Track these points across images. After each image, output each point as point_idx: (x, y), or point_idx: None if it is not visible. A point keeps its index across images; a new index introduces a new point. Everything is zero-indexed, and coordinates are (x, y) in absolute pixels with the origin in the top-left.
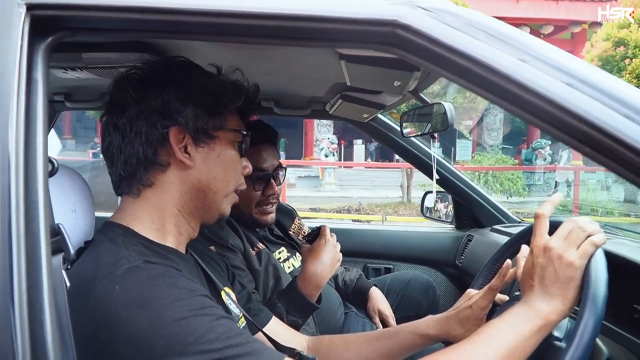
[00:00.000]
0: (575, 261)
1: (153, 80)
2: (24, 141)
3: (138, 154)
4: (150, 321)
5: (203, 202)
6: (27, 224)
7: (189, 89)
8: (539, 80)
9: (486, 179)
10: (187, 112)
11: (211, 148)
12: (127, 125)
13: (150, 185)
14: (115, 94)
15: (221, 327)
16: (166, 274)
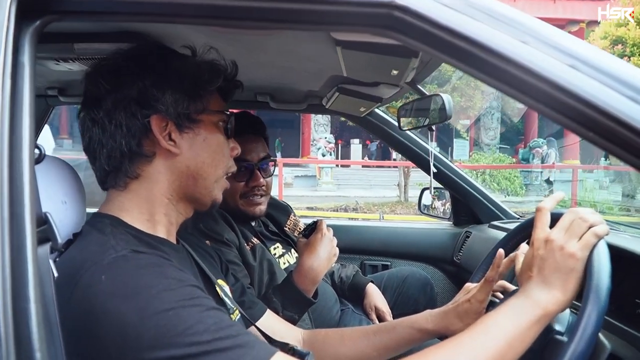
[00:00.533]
0: (576, 252)
1: (126, 68)
2: (9, 126)
3: (121, 147)
4: (137, 311)
5: (194, 189)
6: (11, 210)
7: (165, 73)
8: (540, 62)
9: (483, 178)
10: (166, 98)
11: (196, 133)
12: (105, 119)
13: (137, 177)
14: (88, 87)
15: (210, 318)
16: (154, 263)
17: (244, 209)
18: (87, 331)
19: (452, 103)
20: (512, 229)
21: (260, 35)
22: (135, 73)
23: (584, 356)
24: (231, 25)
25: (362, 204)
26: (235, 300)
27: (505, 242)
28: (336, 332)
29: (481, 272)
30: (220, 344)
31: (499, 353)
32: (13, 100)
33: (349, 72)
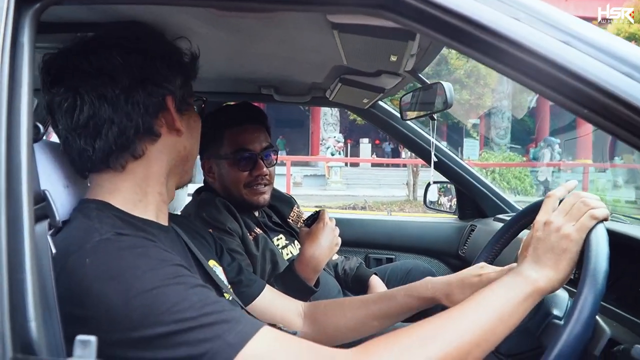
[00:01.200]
0: (571, 234)
1: (139, 48)
2: (7, 102)
3: (137, 125)
4: (122, 293)
5: (183, 169)
6: (8, 185)
7: (171, 57)
8: (533, 37)
9: (493, 177)
10: (177, 81)
11: (189, 115)
12: (121, 96)
13: (140, 156)
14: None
15: (195, 295)
16: (137, 244)
17: (247, 198)
18: (76, 316)
19: (453, 91)
20: (515, 214)
21: (260, 20)
22: (149, 53)
23: (580, 338)
24: (226, 6)
25: (371, 202)
26: (232, 279)
27: (508, 227)
28: (336, 302)
29: (485, 254)
30: (206, 320)
31: (489, 327)
32: (12, 79)
33: (348, 59)
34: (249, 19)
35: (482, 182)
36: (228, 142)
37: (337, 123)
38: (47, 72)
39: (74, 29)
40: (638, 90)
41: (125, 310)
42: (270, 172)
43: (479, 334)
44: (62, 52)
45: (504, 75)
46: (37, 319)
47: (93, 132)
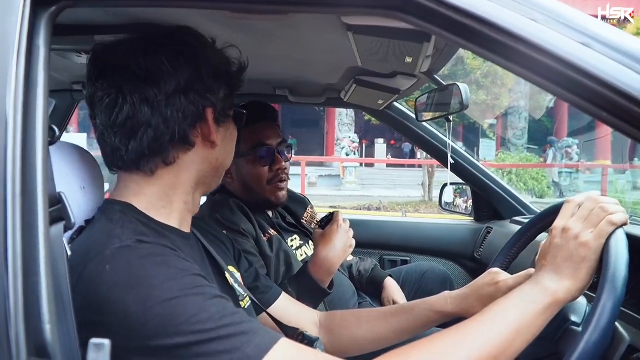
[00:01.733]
0: (590, 241)
1: (187, 54)
2: (23, 105)
3: (173, 132)
4: (140, 302)
5: (212, 179)
6: (23, 187)
7: (218, 67)
8: (552, 39)
9: (510, 177)
10: (220, 92)
11: (226, 127)
12: (162, 102)
13: (171, 163)
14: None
15: (214, 306)
16: (157, 253)
17: (269, 195)
18: (94, 321)
19: (469, 92)
20: (533, 217)
21: (275, 22)
22: (197, 61)
23: (598, 346)
24: (240, 9)
25: (386, 203)
26: (249, 285)
27: (525, 231)
28: (353, 314)
29: (502, 258)
30: (224, 331)
31: (506, 339)
32: (28, 82)
33: (363, 61)
34: (264, 20)
35: (499, 183)
36: (245, 140)
37: (352, 123)
38: (94, 64)
39: (90, 31)
40: None
41: (144, 319)
42: (287, 167)
43: (497, 347)
44: (112, 46)
45: (521, 77)
46: (51, 321)
47: (129, 132)
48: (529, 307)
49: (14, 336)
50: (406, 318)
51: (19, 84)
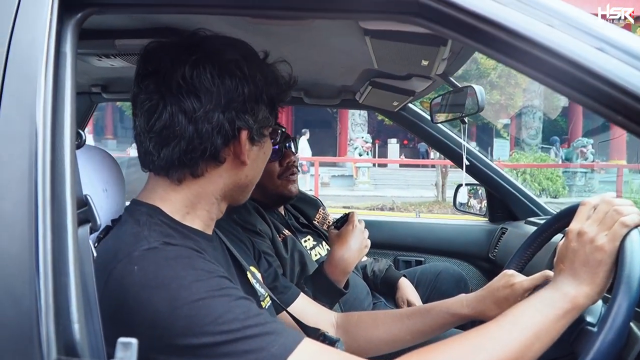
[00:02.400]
0: (605, 245)
1: (232, 72)
2: (52, 110)
3: (205, 148)
4: (168, 302)
5: (239, 194)
6: (53, 191)
7: (262, 88)
8: (567, 44)
9: (524, 177)
10: (260, 114)
11: (261, 146)
12: (200, 116)
13: (198, 176)
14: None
15: (239, 307)
16: (184, 255)
17: (282, 189)
18: (121, 320)
19: (484, 94)
20: (548, 219)
21: (294, 26)
22: (241, 79)
23: (613, 346)
24: (261, 15)
25: (399, 203)
26: (268, 285)
27: (540, 232)
28: (369, 315)
29: (517, 259)
30: (249, 332)
31: (525, 344)
32: (56, 88)
33: (379, 63)
34: (283, 25)
35: (513, 184)
36: None
37: (365, 123)
38: (144, 64)
39: (112, 35)
40: None
41: (171, 318)
42: (295, 159)
43: (516, 351)
44: (162, 49)
45: (537, 81)
46: (80, 320)
47: (163, 140)
48: (549, 311)
49: (45, 335)
50: (422, 320)
51: (47, 91)
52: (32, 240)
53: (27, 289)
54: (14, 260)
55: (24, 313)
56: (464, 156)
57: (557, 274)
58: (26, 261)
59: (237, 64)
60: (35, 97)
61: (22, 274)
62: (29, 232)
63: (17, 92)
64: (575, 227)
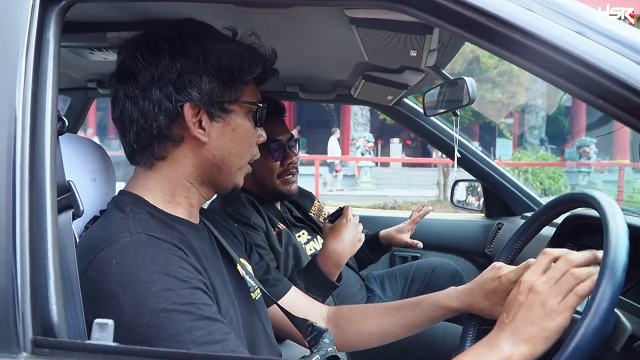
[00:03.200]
0: (555, 312)
1: (164, 48)
2: (32, 95)
3: (152, 128)
4: (134, 306)
5: (217, 176)
6: (32, 173)
7: (204, 59)
8: (547, 29)
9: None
10: (203, 86)
11: (226, 122)
12: (139, 96)
13: (163, 158)
14: (125, 60)
15: (199, 330)
16: (162, 257)
17: (280, 188)
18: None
19: (475, 86)
20: (537, 210)
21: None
22: (175, 53)
23: (597, 332)
24: (244, 2)
25: (401, 202)
26: (259, 278)
27: (530, 224)
28: (359, 309)
29: (507, 251)
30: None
31: None
32: (37, 73)
33: (369, 55)
34: (270, 15)
35: (510, 179)
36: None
37: (367, 123)
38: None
39: (102, 28)
40: None
41: (133, 322)
42: (296, 160)
43: None
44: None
45: (518, 66)
46: (58, 303)
47: (123, 128)
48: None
49: (21, 315)
50: (412, 313)
51: (28, 75)
52: (9, 222)
53: (4, 269)
54: None
55: (0, 294)
56: (455, 148)
57: (498, 325)
58: (3, 242)
59: (168, 40)
60: (15, 81)
61: None
62: (7, 214)
63: None
64: (529, 280)
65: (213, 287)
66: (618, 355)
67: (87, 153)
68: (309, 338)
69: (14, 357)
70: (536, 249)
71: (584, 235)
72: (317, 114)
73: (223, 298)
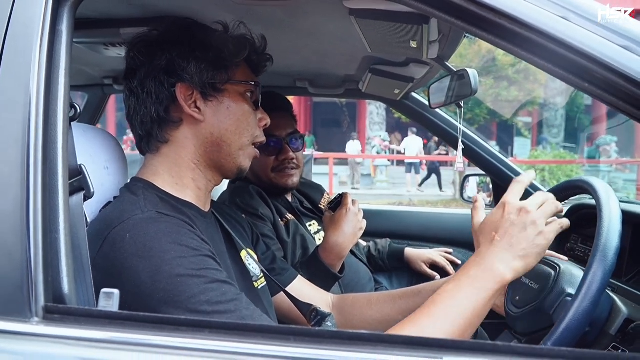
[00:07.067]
0: (546, 233)
1: (157, 42)
2: (45, 82)
3: (151, 113)
4: (150, 273)
5: (218, 155)
6: (45, 154)
7: (190, 45)
8: (532, 13)
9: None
10: (191, 68)
11: (220, 101)
12: (138, 88)
13: (166, 141)
14: (127, 61)
15: (213, 291)
16: (173, 230)
17: (276, 181)
18: (111, 279)
19: (477, 78)
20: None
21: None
22: (165, 45)
23: (588, 313)
24: None
25: (416, 201)
26: (266, 267)
27: None
28: (364, 297)
29: None
30: (218, 317)
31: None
32: (50, 62)
33: (372, 47)
34: (273, 8)
35: (518, 173)
36: None
37: (383, 122)
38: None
39: (116, 24)
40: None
41: (151, 288)
42: (297, 157)
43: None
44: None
45: (506, 51)
46: (69, 275)
47: (131, 120)
48: (481, 295)
49: (34, 284)
50: (413, 300)
51: (42, 64)
52: (24, 199)
53: (19, 243)
54: (7, 217)
55: (15, 265)
56: (459, 139)
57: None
58: (18, 218)
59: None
60: (30, 69)
61: (14, 229)
62: (21, 191)
63: (13, 64)
64: (514, 201)
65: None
66: (613, 339)
67: (101, 143)
68: (313, 322)
69: (27, 321)
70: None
71: (588, 225)
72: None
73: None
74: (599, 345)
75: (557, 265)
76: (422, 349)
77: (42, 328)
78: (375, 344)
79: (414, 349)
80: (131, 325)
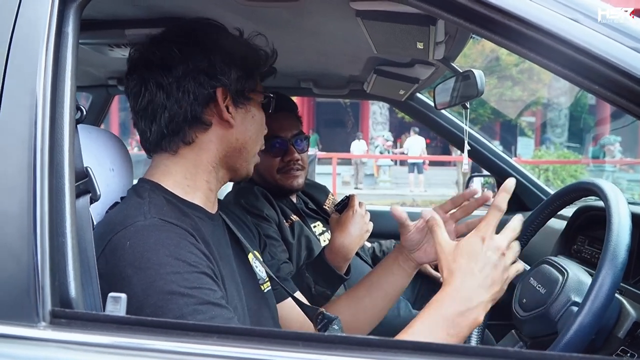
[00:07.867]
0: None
1: (198, 42)
2: (52, 84)
3: (186, 113)
4: (143, 286)
5: (236, 160)
6: (51, 157)
7: (231, 52)
8: (543, 15)
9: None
10: (232, 74)
11: (247, 109)
12: (174, 85)
13: (190, 142)
14: (157, 53)
15: (202, 314)
16: (173, 242)
17: (281, 183)
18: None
19: (484, 79)
20: (543, 202)
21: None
22: (207, 47)
23: (598, 316)
24: None
25: (419, 201)
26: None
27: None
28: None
29: None
30: None
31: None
32: (56, 64)
33: (378, 48)
34: (279, 9)
35: (523, 174)
36: None
37: (386, 122)
38: (128, 61)
39: (121, 25)
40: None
41: (141, 302)
42: (302, 158)
43: None
44: (139, 46)
45: (513, 52)
46: (75, 278)
47: (151, 115)
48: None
49: (41, 288)
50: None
51: (48, 66)
52: (31, 203)
53: (26, 246)
54: (14, 220)
55: (22, 268)
56: (465, 140)
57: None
58: (25, 221)
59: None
60: (36, 71)
61: (21, 233)
62: (28, 195)
63: (20, 67)
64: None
65: (221, 275)
66: (622, 342)
67: (106, 144)
68: (319, 326)
69: (34, 326)
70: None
71: (596, 228)
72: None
73: (230, 287)
74: (607, 348)
75: (565, 271)
76: (431, 355)
77: (49, 333)
78: (384, 349)
79: (423, 355)
80: (139, 330)
